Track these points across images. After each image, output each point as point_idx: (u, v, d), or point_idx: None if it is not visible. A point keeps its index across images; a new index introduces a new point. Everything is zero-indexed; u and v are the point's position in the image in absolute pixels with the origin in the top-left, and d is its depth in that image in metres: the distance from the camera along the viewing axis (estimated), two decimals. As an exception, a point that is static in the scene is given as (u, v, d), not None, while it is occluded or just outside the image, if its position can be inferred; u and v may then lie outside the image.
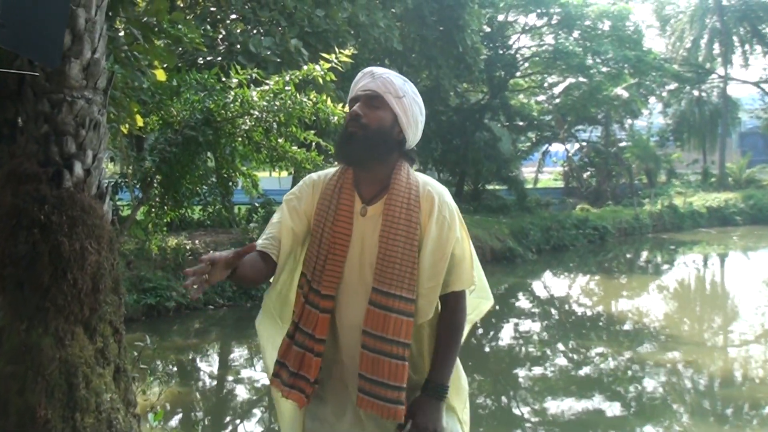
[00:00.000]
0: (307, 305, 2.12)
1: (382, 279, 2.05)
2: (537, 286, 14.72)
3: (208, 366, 8.42)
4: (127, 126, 5.17)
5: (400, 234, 2.06)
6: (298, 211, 2.16)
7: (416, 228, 2.07)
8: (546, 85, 28.75)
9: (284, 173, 8.15)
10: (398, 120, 2.11)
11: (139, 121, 5.00)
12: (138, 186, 7.45)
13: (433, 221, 2.07)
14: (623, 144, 30.42)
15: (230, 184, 7.90)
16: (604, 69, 24.93)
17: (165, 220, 7.75)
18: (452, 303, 2.12)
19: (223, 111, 7.03)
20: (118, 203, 11.56)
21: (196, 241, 12.56)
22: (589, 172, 31.37)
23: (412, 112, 2.14)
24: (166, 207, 7.51)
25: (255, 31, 11.30)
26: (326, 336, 2.10)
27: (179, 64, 9.23)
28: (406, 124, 2.13)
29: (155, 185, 7.34)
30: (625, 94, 25.25)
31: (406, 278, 2.04)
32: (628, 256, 19.47)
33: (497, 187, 26.56)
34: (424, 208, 2.08)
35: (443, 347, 2.10)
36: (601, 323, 10.78)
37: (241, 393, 7.23)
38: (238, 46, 10.39)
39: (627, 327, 10.27)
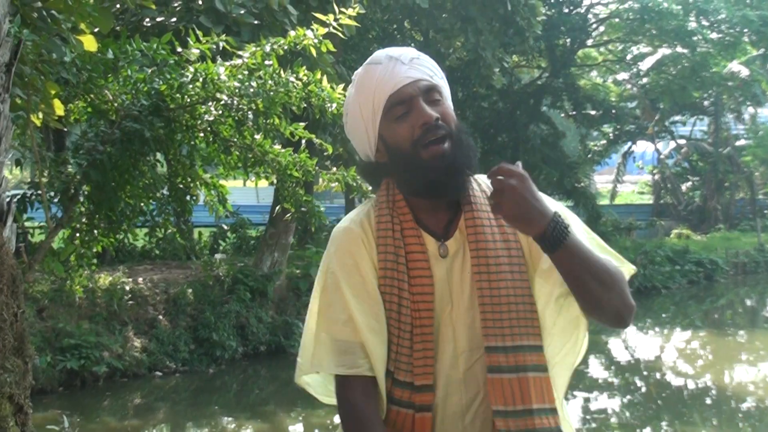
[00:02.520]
0: (393, 406, 2.13)
1: (497, 331, 2.10)
2: (615, 346, 14.61)
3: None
4: (40, 116, 5.10)
5: (503, 261, 2.14)
6: (369, 293, 2.15)
7: (518, 245, 2.18)
8: (629, 58, 28.83)
9: (263, 182, 8.09)
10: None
11: (59, 109, 4.94)
12: (57, 201, 7.39)
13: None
14: (741, 142, 30.32)
15: (188, 198, 7.83)
16: (714, 35, 24.88)
17: (95, 250, 7.69)
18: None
19: (178, 95, 6.98)
20: (27, 225, 11.53)
21: (140, 279, 12.52)
22: (690, 183, 31.32)
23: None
24: (96, 231, 7.45)
25: (222, -18, 11.32)
26: None
27: (117, 28, 9.21)
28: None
29: (81, 199, 7.28)
30: (745, 71, 25.13)
31: (528, 318, 2.12)
32: (748, 303, 19.34)
33: (559, 202, 26.40)
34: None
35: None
36: (709, 400, 10.71)
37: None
38: (200, 2, 10.39)
39: (748, 406, 10.17)
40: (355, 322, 2.11)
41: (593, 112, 27.91)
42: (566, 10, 24.92)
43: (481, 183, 2.26)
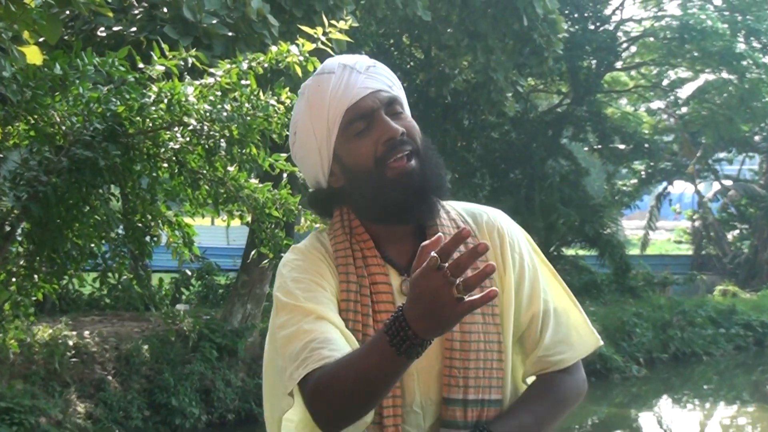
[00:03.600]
0: None
1: (461, 381, 2.17)
2: (648, 422, 14.54)
3: None
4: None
5: None
6: (333, 300, 2.21)
7: (489, 285, 2.17)
8: (666, 84, 28.93)
9: (236, 222, 8.06)
10: None
11: (-3, 132, 4.94)
12: (-10, 239, 7.38)
13: (509, 267, 2.30)
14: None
15: (148, 238, 7.82)
16: (767, 59, 24.86)
17: (34, 297, 7.67)
18: (557, 385, 2.29)
19: (138, 118, 6.99)
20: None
21: (86, 333, 12.45)
22: (737, 231, 31.36)
23: None
24: (36, 275, 7.44)
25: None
26: None
27: (66, 39, 9.25)
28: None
29: (19, 238, 7.27)
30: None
31: (496, 369, 2.21)
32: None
33: (581, 251, 26.73)
34: (491, 243, 2.30)
35: (529, 408, 2.25)
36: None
37: None
38: (165, 10, 10.40)
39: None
40: (321, 322, 2.12)
41: (622, 146, 27.96)
42: (592, 27, 24.98)
43: (451, 210, 2.34)
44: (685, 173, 30.10)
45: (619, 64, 27.08)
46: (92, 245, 7.63)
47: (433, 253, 1.83)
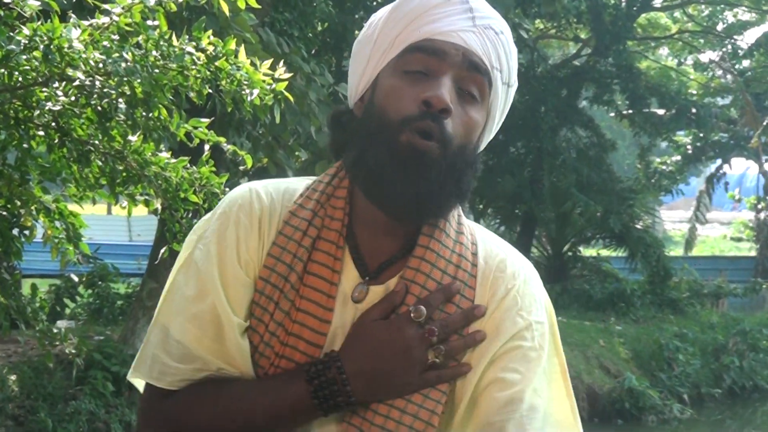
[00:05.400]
0: None
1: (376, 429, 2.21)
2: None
3: None
4: None
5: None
6: (243, 281, 2.31)
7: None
8: (720, 29, 29.10)
9: (140, 209, 8.01)
10: (486, 126, 2.40)
11: None
12: None
13: (495, 339, 2.23)
14: None
15: (16, 231, 7.86)
16: None
17: None
18: None
19: (3, 71, 6.92)
20: None
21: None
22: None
23: (508, 108, 2.47)
24: None
25: None
26: None
27: None
28: (489, 131, 2.44)
29: None
30: None
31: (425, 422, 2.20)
32: None
33: (604, 251, 27.07)
34: (490, 303, 2.29)
35: None
36: None
37: None
38: None
39: None
40: (216, 317, 2.27)
41: (661, 112, 28.24)
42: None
43: (465, 234, 2.38)
44: (746, 148, 30.27)
45: (658, 2, 27.24)
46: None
47: (420, 307, 1.99)
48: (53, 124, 7.16)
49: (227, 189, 7.51)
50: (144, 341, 2.36)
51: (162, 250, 8.09)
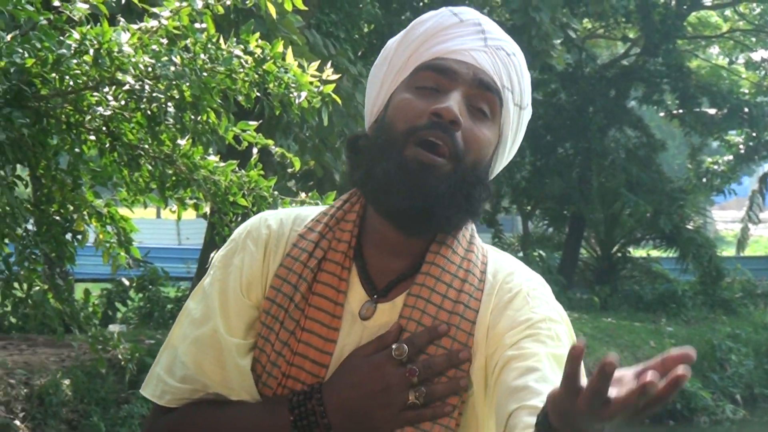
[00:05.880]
0: None
1: None
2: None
3: None
4: None
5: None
6: (244, 305, 2.38)
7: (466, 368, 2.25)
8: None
9: (189, 213, 8.03)
10: (499, 147, 2.43)
11: None
12: None
13: (516, 330, 2.21)
14: None
15: (69, 236, 7.82)
16: None
17: None
18: None
19: (54, 75, 6.94)
20: None
21: (-17, 363, 12.46)
22: None
23: (522, 133, 2.50)
24: None
25: None
26: None
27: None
28: (503, 154, 2.47)
29: None
30: None
31: None
32: None
33: (654, 252, 27.05)
34: (497, 307, 2.30)
35: None
36: None
37: None
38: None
39: None
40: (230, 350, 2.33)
41: (712, 111, 28.05)
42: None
43: (475, 253, 2.40)
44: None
45: (708, 1, 27.09)
46: (-8, 247, 7.60)
47: (403, 345, 2.05)
48: (104, 128, 7.17)
49: (276, 192, 7.56)
50: (155, 360, 2.48)
51: (211, 255, 8.09)
